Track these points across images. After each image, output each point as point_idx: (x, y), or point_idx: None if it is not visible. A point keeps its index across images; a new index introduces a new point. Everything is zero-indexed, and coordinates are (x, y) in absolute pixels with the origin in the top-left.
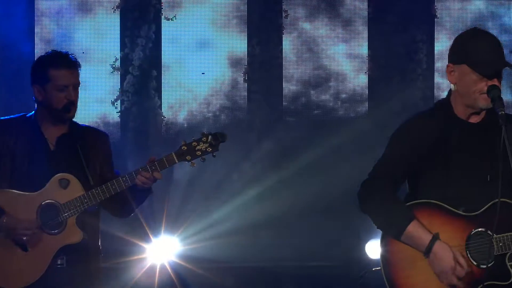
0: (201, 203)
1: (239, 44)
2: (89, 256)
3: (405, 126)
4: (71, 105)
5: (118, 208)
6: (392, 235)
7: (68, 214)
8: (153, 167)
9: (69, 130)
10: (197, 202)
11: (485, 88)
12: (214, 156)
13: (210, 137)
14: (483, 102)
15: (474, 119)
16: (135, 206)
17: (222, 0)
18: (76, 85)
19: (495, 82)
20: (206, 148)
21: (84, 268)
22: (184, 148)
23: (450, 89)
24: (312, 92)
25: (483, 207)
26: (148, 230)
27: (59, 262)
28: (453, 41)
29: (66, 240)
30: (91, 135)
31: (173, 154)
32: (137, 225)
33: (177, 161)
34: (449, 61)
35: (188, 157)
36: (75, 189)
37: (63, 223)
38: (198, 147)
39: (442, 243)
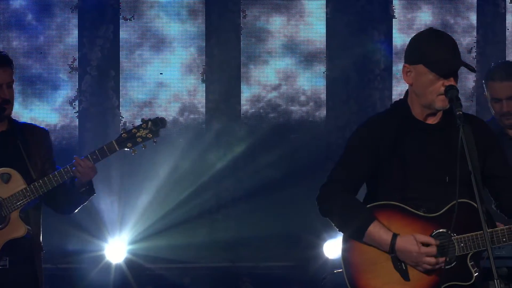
0: (158, 203)
1: (197, 44)
2: (32, 254)
3: (362, 128)
4: (6, 104)
5: (60, 203)
6: (353, 237)
7: (11, 208)
8: (94, 156)
9: (8, 127)
10: (155, 202)
11: (442, 89)
12: (155, 142)
13: (150, 123)
14: (440, 103)
15: (431, 120)
16: (77, 203)
17: (180, 0)
18: (10, 83)
19: (451, 82)
20: (146, 134)
21: (27, 269)
22: (124, 135)
23: (407, 90)
24: (270, 92)
25: (443, 208)
26: (104, 229)
27: (1, 264)
28: (409, 42)
29: (10, 234)
30: (31, 132)
31: (114, 142)
32: (93, 224)
33: (117, 149)
34: (405, 62)
35: (129, 145)
36: (17, 183)
37: (6, 218)
38: (138, 134)
39: (402, 236)
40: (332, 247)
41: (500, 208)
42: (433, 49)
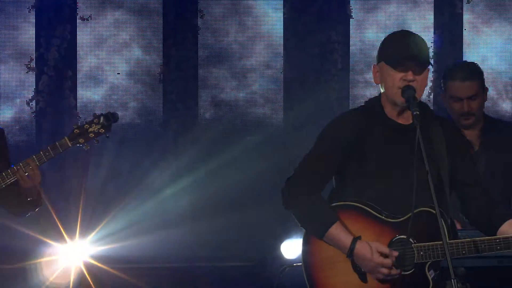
0: (116, 203)
1: (154, 45)
2: None
3: (333, 124)
4: None
5: (10, 205)
6: (314, 235)
7: None
8: (47, 153)
9: None
10: (112, 203)
11: (401, 83)
12: (107, 137)
13: (102, 118)
14: (400, 98)
15: (403, 120)
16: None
17: (138, 0)
18: None
19: (409, 75)
20: (98, 129)
21: None
22: (76, 131)
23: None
24: (228, 92)
25: (407, 214)
26: (63, 231)
27: None
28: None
29: None
30: None
31: (66, 138)
32: (52, 225)
33: (70, 145)
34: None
35: (81, 140)
36: None
37: None
38: (90, 129)
39: (362, 242)
40: (290, 248)
41: (465, 214)
42: (392, 45)
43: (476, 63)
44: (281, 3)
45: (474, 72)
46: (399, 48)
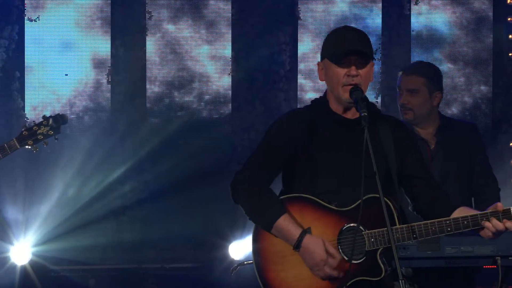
0: (63, 204)
1: (102, 45)
2: None
3: (281, 120)
4: None
5: None
6: (263, 227)
7: None
8: None
9: None
10: (60, 204)
11: (345, 79)
12: (56, 139)
13: (51, 119)
14: (346, 94)
15: (350, 115)
16: None
17: (86, 1)
18: None
19: (353, 70)
20: (47, 131)
21: None
22: (25, 133)
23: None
24: (176, 93)
25: (355, 202)
26: (8, 231)
27: None
28: None
29: None
30: None
31: (15, 139)
32: None
33: (18, 146)
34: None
35: (30, 142)
36: None
37: None
38: (39, 131)
39: (312, 236)
40: (238, 248)
41: (416, 210)
42: (334, 41)
43: (436, 67)
44: (229, 4)
45: (422, 69)
46: (341, 44)
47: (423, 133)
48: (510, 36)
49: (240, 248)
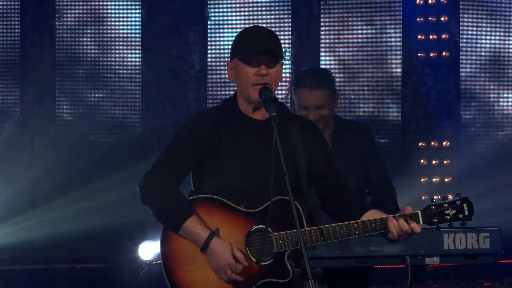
0: None
1: (12, 45)
2: None
3: (190, 121)
4: None
5: None
6: (171, 229)
7: None
8: None
9: None
10: None
11: (255, 79)
12: None
13: None
14: (256, 93)
15: (259, 116)
16: None
17: None
18: None
19: (263, 70)
20: None
21: None
22: None
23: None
24: (87, 92)
25: (264, 204)
26: None
27: None
28: None
29: None
30: None
31: None
32: None
33: None
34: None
35: None
36: None
37: None
38: None
39: (220, 239)
40: (147, 249)
41: (325, 209)
42: (244, 41)
43: (328, 70)
44: (139, 4)
45: (323, 80)
46: (250, 44)
47: None
48: (419, 36)
49: (150, 249)
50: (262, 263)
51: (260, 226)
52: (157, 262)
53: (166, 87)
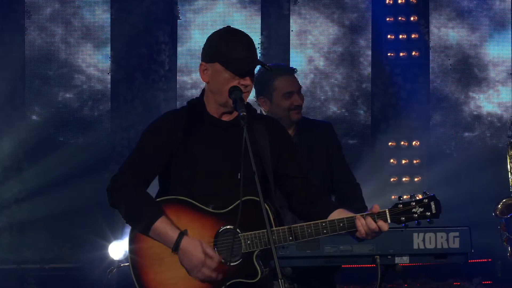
0: None
1: None
2: None
3: (157, 122)
4: None
5: None
6: (140, 231)
7: None
8: None
9: None
10: None
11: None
12: None
13: None
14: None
15: (226, 118)
16: None
17: None
18: None
19: (247, 80)
20: None
21: None
22: None
23: (204, 88)
24: (56, 91)
25: (232, 205)
26: None
27: None
28: (207, 40)
29: None
30: None
31: None
32: None
33: None
34: (202, 60)
35: None
36: None
37: None
38: None
39: (190, 238)
40: (117, 248)
41: (292, 209)
42: (229, 47)
43: None
44: (108, 3)
45: (293, 69)
46: (237, 54)
47: None
48: (389, 36)
49: (120, 248)
50: (231, 264)
51: (228, 227)
52: (126, 264)
53: (136, 87)
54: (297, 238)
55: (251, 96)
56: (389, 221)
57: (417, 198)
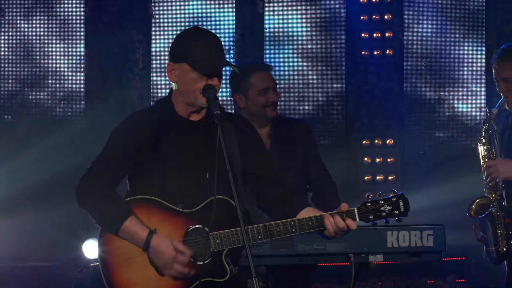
0: None
1: None
2: None
3: (125, 122)
4: None
5: None
6: (109, 231)
7: None
8: None
9: None
10: None
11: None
12: None
13: None
14: (203, 100)
15: (195, 117)
16: None
17: None
18: None
19: (215, 81)
20: None
21: None
22: None
23: (172, 87)
24: (29, 91)
25: (201, 204)
26: None
27: None
28: (174, 40)
29: None
30: None
31: None
32: None
33: None
34: (170, 60)
35: None
36: None
37: None
38: None
39: (160, 236)
40: (91, 247)
41: (261, 207)
42: (197, 48)
43: None
44: (82, 2)
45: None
46: (205, 55)
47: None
48: (363, 34)
49: (94, 247)
50: (200, 263)
51: (197, 226)
52: (96, 264)
53: (110, 85)
54: (266, 237)
55: (225, 95)
56: (357, 219)
57: (385, 196)
